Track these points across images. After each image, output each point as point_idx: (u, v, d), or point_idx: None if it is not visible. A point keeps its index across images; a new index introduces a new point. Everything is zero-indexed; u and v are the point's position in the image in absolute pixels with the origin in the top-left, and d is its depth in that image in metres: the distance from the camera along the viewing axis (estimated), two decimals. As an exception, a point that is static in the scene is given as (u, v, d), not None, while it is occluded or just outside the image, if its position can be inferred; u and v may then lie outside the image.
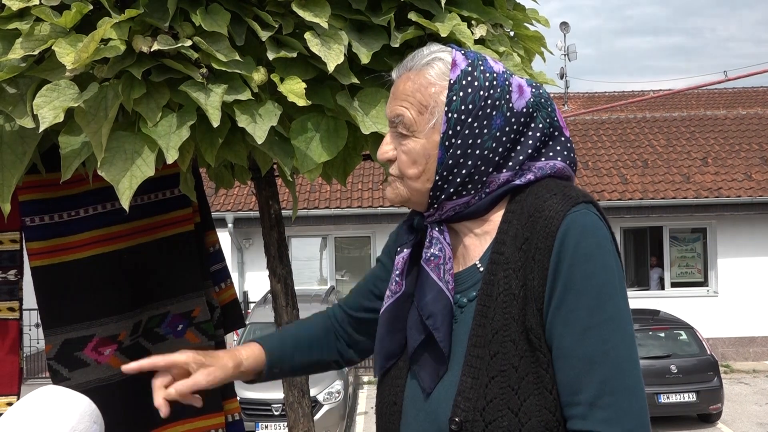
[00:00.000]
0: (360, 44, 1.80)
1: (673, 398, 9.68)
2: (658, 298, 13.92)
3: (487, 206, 1.30)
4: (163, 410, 1.38)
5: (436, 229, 1.31)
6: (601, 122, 17.28)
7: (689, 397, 9.69)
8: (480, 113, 1.26)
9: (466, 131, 1.26)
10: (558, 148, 1.32)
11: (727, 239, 14.40)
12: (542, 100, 1.31)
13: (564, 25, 22.23)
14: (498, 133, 1.27)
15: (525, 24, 2.23)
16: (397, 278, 1.35)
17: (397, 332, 1.34)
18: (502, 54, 2.00)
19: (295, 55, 1.75)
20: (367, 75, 1.85)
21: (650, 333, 10.28)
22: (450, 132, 1.26)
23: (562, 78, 22.63)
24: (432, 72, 1.28)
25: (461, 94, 1.26)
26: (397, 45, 1.81)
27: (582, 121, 17.28)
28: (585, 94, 25.27)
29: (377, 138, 1.90)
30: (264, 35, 1.71)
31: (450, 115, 1.26)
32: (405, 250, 1.36)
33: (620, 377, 1.15)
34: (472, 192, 1.28)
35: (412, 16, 1.83)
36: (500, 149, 1.27)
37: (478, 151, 1.26)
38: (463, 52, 1.31)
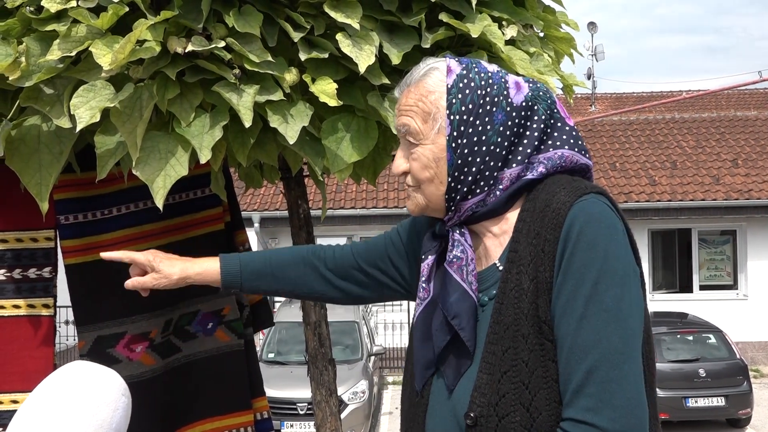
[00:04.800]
0: (391, 45, 1.81)
1: (702, 402, 9.57)
2: (686, 301, 13.77)
3: (504, 203, 1.32)
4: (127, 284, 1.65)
5: (458, 231, 1.34)
6: (629, 123, 17.13)
7: (718, 402, 9.57)
8: (480, 111, 1.31)
9: (470, 130, 1.30)
10: (564, 137, 1.35)
11: (758, 242, 14.20)
12: (540, 93, 1.35)
13: (591, 26, 22.07)
14: (501, 128, 1.31)
15: (555, 26, 2.23)
16: (423, 285, 1.38)
17: (430, 339, 1.35)
18: (532, 54, 2.00)
19: (326, 55, 1.76)
20: (398, 75, 1.86)
21: (678, 336, 10.18)
22: (455, 133, 1.31)
23: (589, 78, 22.48)
24: (430, 81, 1.34)
25: (460, 96, 1.31)
26: (427, 46, 1.82)
27: (610, 122, 17.14)
28: (613, 95, 25.08)
29: (407, 138, 1.91)
30: (296, 36, 1.72)
31: (452, 117, 1.31)
32: (429, 257, 1.39)
33: (607, 368, 1.14)
34: (486, 189, 1.31)
35: (443, 16, 1.83)
36: (505, 143, 1.31)
37: (484, 148, 1.30)
38: (457, 59, 1.37)
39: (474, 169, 1.30)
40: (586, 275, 1.18)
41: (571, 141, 1.34)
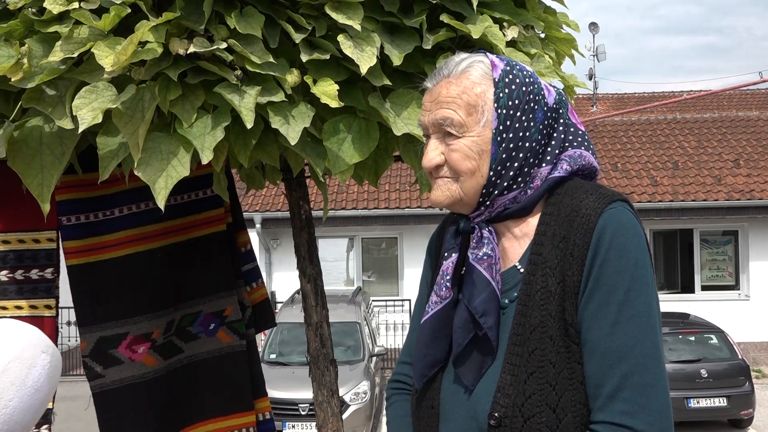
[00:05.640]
0: (392, 46, 1.81)
1: (704, 403, 9.56)
2: (688, 302, 13.76)
3: (534, 202, 1.33)
4: None
5: (486, 229, 1.34)
6: (631, 123, 17.12)
7: (720, 402, 9.56)
8: (526, 107, 1.32)
9: (516, 125, 1.31)
10: (579, 139, 1.38)
11: (759, 242, 14.19)
12: (563, 98, 1.39)
13: (593, 26, 22.06)
14: (540, 126, 1.33)
15: (556, 27, 2.23)
16: (447, 284, 1.35)
17: (443, 338, 1.34)
18: (533, 56, 2.00)
19: (327, 57, 1.76)
20: (399, 76, 1.86)
21: (680, 336, 10.16)
22: (501, 127, 1.31)
23: (590, 79, 22.48)
24: (475, 73, 1.33)
25: (506, 90, 1.32)
26: (428, 47, 1.82)
27: (611, 122, 17.13)
28: (614, 95, 25.06)
29: (409, 139, 1.91)
30: (297, 37, 1.73)
31: (500, 111, 1.31)
32: (453, 255, 1.37)
33: (642, 373, 1.17)
34: (522, 186, 1.32)
35: (444, 18, 1.83)
36: (543, 141, 1.33)
37: (527, 144, 1.32)
38: (495, 55, 1.38)
39: (516, 164, 1.31)
40: (619, 282, 1.20)
41: (585, 144, 1.38)
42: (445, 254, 1.38)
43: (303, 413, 8.70)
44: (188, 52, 1.64)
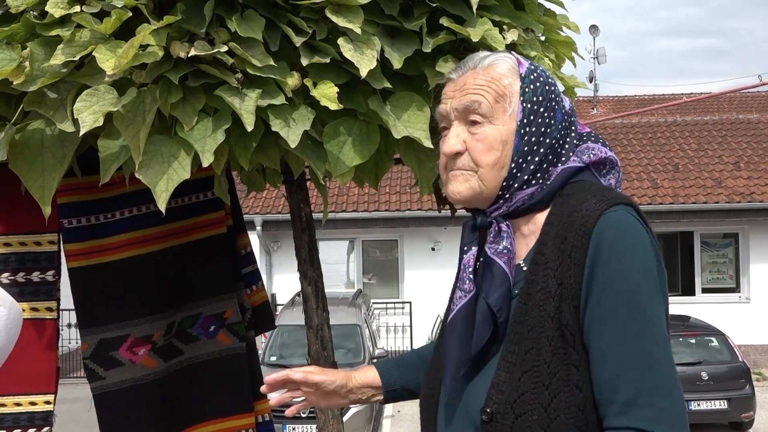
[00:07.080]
0: (392, 49, 1.82)
1: (704, 405, 9.55)
2: (688, 304, 13.76)
3: (550, 196, 1.34)
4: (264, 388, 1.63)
5: (505, 223, 1.34)
6: (631, 126, 17.14)
7: (720, 405, 9.56)
8: (548, 104, 1.35)
9: (539, 120, 1.34)
10: (584, 138, 1.42)
11: (760, 244, 14.19)
12: (572, 106, 1.42)
13: (593, 29, 22.09)
14: (560, 126, 1.36)
15: (556, 30, 2.23)
16: (470, 276, 1.34)
17: (468, 336, 1.31)
18: (533, 58, 2.00)
19: (328, 60, 1.77)
20: (399, 79, 1.86)
21: (681, 339, 10.16)
22: (525, 120, 1.33)
23: (591, 81, 22.51)
24: (502, 66, 1.37)
25: (531, 87, 1.35)
26: (428, 50, 1.83)
27: (612, 125, 17.14)
28: (615, 98, 25.09)
29: (409, 142, 1.91)
30: (298, 41, 1.73)
31: (525, 104, 1.34)
32: (473, 248, 1.36)
33: (657, 377, 1.16)
34: (540, 181, 1.34)
35: (444, 21, 1.84)
36: (561, 141, 1.35)
37: (548, 140, 1.34)
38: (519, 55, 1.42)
39: (537, 158, 1.33)
40: (624, 286, 1.19)
41: (592, 138, 1.41)
42: (465, 248, 1.37)
43: (303, 415, 8.69)
44: (189, 56, 1.65)
